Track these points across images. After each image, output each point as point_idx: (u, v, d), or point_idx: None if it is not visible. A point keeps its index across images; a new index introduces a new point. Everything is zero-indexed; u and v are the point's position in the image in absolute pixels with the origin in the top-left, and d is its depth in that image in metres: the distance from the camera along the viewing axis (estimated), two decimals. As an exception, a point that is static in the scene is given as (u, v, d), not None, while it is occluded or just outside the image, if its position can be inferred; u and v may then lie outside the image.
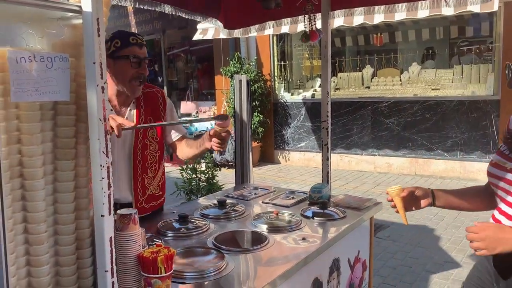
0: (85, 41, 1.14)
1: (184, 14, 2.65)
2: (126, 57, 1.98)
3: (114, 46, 1.98)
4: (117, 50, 1.98)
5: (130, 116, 2.12)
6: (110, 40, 1.99)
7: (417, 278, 3.63)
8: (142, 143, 2.13)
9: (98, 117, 1.14)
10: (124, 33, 2.05)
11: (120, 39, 1.99)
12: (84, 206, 1.32)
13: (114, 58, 1.98)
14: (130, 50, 1.99)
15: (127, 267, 1.33)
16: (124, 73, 2.00)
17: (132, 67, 1.99)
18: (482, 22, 7.38)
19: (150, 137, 2.16)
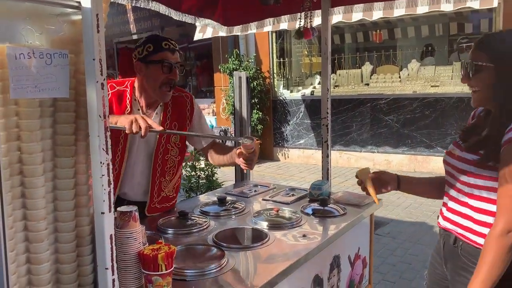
0: (84, 37, 1.13)
1: (176, 16, 2.60)
2: (158, 62, 1.95)
3: (147, 50, 1.96)
4: (149, 54, 1.96)
5: (156, 119, 2.10)
6: (143, 44, 1.98)
7: (416, 275, 3.63)
8: (164, 147, 2.12)
9: (98, 113, 1.13)
10: (157, 37, 2.03)
11: (153, 44, 1.96)
12: (84, 204, 1.31)
13: (146, 62, 1.97)
14: (162, 55, 1.96)
15: (128, 264, 1.33)
16: (155, 78, 1.98)
17: (163, 73, 1.96)
18: (481, 18, 7.37)
19: (172, 142, 2.15)
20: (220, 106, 8.97)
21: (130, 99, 2.05)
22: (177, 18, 2.57)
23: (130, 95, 2.06)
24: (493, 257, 1.36)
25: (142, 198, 2.14)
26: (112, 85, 2.06)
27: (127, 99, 2.05)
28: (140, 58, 1.98)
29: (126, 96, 2.06)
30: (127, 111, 2.03)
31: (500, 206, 1.37)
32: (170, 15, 2.53)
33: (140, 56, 1.98)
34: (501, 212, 1.36)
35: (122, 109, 2.03)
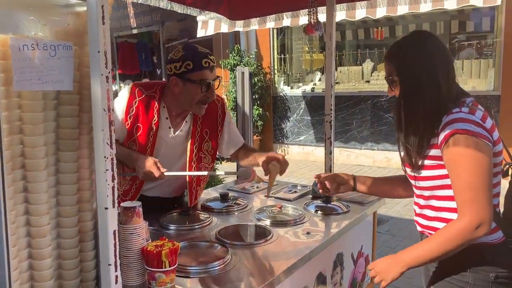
0: (89, 29, 1.10)
1: (180, 9, 2.56)
2: (197, 82, 1.88)
3: (186, 67, 1.87)
4: (188, 72, 1.87)
5: (185, 128, 2.06)
6: (181, 60, 1.87)
7: (416, 272, 3.61)
8: (197, 156, 2.08)
9: (102, 107, 1.11)
10: (197, 54, 1.90)
11: (193, 62, 1.87)
12: (87, 198, 1.29)
13: (183, 79, 1.89)
14: (202, 74, 1.88)
15: (131, 260, 1.31)
16: (193, 96, 1.91)
17: (201, 91, 1.91)
18: (483, 17, 7.34)
19: (205, 150, 2.11)
20: (220, 102, 8.93)
21: (158, 108, 1.97)
22: (181, 11, 2.53)
23: (158, 103, 1.98)
24: (444, 243, 1.36)
25: (172, 195, 2.13)
26: (140, 89, 1.97)
27: (154, 108, 1.97)
28: (177, 74, 1.89)
29: (154, 104, 1.97)
30: (154, 120, 1.96)
31: (460, 201, 1.35)
32: (173, 9, 2.49)
33: (177, 71, 1.88)
34: (463, 207, 1.34)
35: (149, 119, 1.96)
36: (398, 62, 1.49)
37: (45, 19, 1.16)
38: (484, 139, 1.33)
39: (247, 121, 2.76)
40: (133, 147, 1.97)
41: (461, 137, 1.33)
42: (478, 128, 1.34)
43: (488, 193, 1.33)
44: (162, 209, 2.06)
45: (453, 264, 1.45)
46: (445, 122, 1.38)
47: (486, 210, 1.31)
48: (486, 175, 1.33)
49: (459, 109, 1.39)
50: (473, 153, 1.32)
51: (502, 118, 6.33)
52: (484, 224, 1.31)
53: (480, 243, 1.39)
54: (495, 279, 1.40)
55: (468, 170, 1.33)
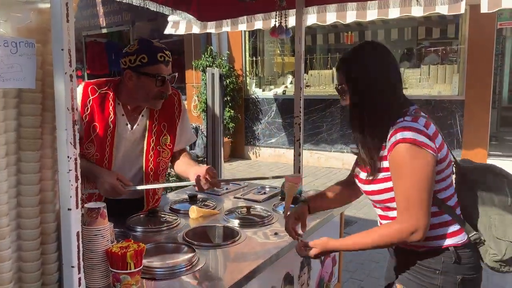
0: (53, 27, 1.08)
1: (153, 7, 2.54)
2: (152, 75, 1.86)
3: (140, 61, 1.84)
4: (143, 65, 1.85)
5: (142, 122, 2.02)
6: (135, 53, 1.85)
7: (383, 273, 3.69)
8: (154, 150, 2.05)
9: (66, 106, 1.09)
10: (152, 47, 1.89)
11: (148, 55, 1.85)
12: (49, 199, 1.26)
13: (138, 72, 1.86)
14: (157, 68, 1.86)
15: (95, 262, 1.29)
16: (148, 90, 1.89)
17: (156, 86, 1.88)
18: (448, 24, 7.58)
19: (163, 144, 2.07)
20: (191, 103, 8.87)
21: (113, 105, 1.94)
22: (153, 8, 2.50)
23: (113, 100, 1.94)
24: (377, 241, 1.47)
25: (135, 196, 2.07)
26: (93, 88, 1.93)
27: (110, 105, 1.93)
28: (131, 67, 1.86)
29: (109, 101, 1.94)
30: (111, 118, 1.93)
31: (399, 207, 1.42)
32: (146, 6, 2.46)
33: (131, 64, 1.86)
34: (401, 213, 1.41)
35: (105, 117, 1.92)
36: (346, 72, 1.52)
37: (6, 15, 1.13)
38: (426, 148, 1.37)
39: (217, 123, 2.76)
40: (91, 148, 1.93)
41: (402, 146, 1.38)
42: (420, 136, 1.38)
43: (427, 201, 1.38)
44: (128, 211, 2.03)
45: (423, 266, 1.49)
46: (391, 133, 1.42)
47: (422, 217, 1.37)
48: (426, 183, 1.37)
49: (403, 118, 1.43)
50: (413, 163, 1.37)
51: (466, 121, 6.55)
52: (419, 230, 1.37)
53: (447, 245, 1.45)
54: (462, 281, 1.45)
55: (408, 178, 1.38)
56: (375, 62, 1.48)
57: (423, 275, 1.49)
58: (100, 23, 10.72)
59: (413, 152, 1.37)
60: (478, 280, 1.50)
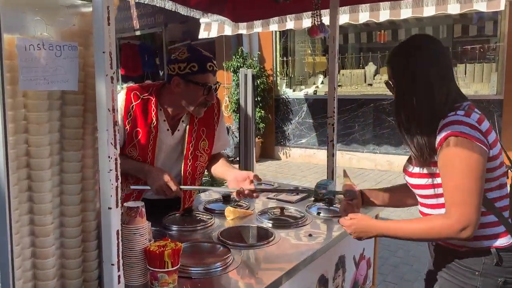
0: (94, 30, 1.11)
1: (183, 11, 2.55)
2: (201, 84, 1.89)
3: (190, 69, 1.87)
4: (192, 73, 1.88)
5: (182, 127, 2.06)
6: (186, 61, 1.88)
7: (418, 276, 3.62)
8: (193, 154, 2.08)
9: (107, 107, 1.11)
10: (202, 56, 1.92)
11: (198, 64, 1.88)
12: (90, 198, 1.30)
13: (186, 80, 1.89)
14: (205, 77, 1.89)
15: (134, 261, 1.32)
16: (194, 98, 1.92)
17: (203, 94, 1.91)
18: (486, 21, 7.34)
19: (201, 148, 2.11)
20: (222, 104, 8.94)
21: (155, 111, 1.97)
22: (184, 13, 2.52)
23: (155, 106, 1.97)
24: (422, 233, 1.42)
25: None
26: (136, 94, 1.96)
27: (152, 111, 1.96)
28: (180, 74, 1.88)
29: (151, 107, 1.96)
30: (153, 124, 1.96)
31: (449, 202, 1.37)
32: (177, 11, 2.49)
33: (180, 72, 1.88)
34: (451, 207, 1.36)
35: (147, 122, 1.96)
36: (393, 67, 1.52)
37: (51, 20, 1.16)
38: (478, 142, 1.33)
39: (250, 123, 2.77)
40: (133, 152, 1.97)
41: (455, 139, 1.34)
42: (473, 130, 1.34)
43: (478, 196, 1.33)
44: (165, 211, 2.07)
45: (462, 267, 1.45)
46: (441, 126, 1.39)
47: (473, 213, 1.32)
48: (478, 179, 1.33)
49: (455, 112, 1.40)
50: (466, 156, 1.33)
51: (505, 122, 6.32)
52: (470, 226, 1.32)
53: (489, 246, 1.41)
54: (504, 284, 1.40)
55: (460, 171, 1.34)
56: (420, 57, 1.45)
57: (462, 276, 1.45)
58: (134, 25, 10.95)
59: (465, 145, 1.33)
60: None
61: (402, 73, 1.48)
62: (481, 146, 1.33)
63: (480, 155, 1.33)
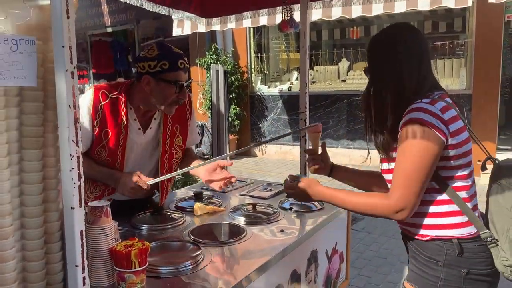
0: (53, 23, 1.06)
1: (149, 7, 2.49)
2: (172, 82, 1.85)
3: (161, 67, 1.83)
4: (163, 72, 1.83)
5: (155, 125, 2.03)
6: (156, 59, 1.83)
7: (392, 269, 3.67)
8: (169, 152, 2.06)
9: (67, 104, 1.07)
10: (173, 54, 1.88)
11: (169, 62, 1.84)
12: (53, 198, 1.25)
13: (157, 78, 1.84)
14: (177, 75, 1.86)
15: (99, 261, 1.28)
16: (165, 96, 1.87)
17: (175, 92, 1.87)
18: (455, 17, 7.50)
19: (176, 146, 2.09)
20: (197, 101, 8.86)
21: (125, 110, 1.91)
22: (150, 9, 2.46)
23: (125, 105, 1.91)
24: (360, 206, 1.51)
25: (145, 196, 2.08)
26: (104, 93, 1.89)
27: (122, 111, 1.91)
28: (150, 73, 1.84)
29: (121, 106, 1.91)
30: (123, 124, 1.91)
31: (394, 183, 1.42)
32: (142, 6, 2.43)
33: (151, 70, 1.83)
34: (393, 189, 1.41)
35: (117, 123, 1.90)
36: (368, 56, 1.54)
37: (6, 12, 1.11)
38: (435, 130, 1.35)
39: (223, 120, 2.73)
40: (102, 153, 1.91)
41: (411, 125, 1.37)
42: (433, 118, 1.36)
43: (421, 183, 1.37)
44: (134, 211, 2.02)
45: (426, 257, 1.47)
46: (405, 113, 1.42)
47: (412, 198, 1.37)
48: (425, 166, 1.36)
49: (421, 99, 1.42)
50: (419, 142, 1.36)
51: (474, 115, 6.48)
52: (406, 210, 1.37)
53: (451, 236, 1.41)
54: (467, 274, 1.41)
55: (409, 156, 1.37)
56: (392, 46, 1.48)
57: (426, 267, 1.47)
58: (105, 22, 10.75)
59: (419, 131, 1.35)
60: (492, 278, 1.44)
61: (374, 62, 1.51)
62: (438, 134, 1.35)
63: (433, 143, 1.35)
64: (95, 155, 1.91)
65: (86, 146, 1.88)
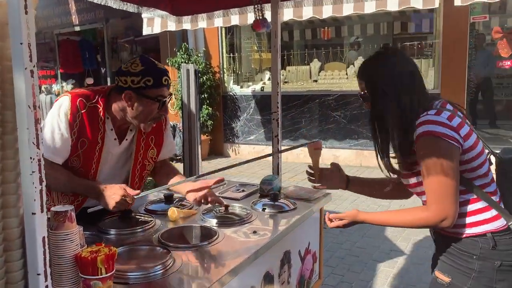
0: (10, 20, 1.01)
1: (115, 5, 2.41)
2: (155, 99, 1.80)
3: (145, 83, 1.77)
4: (147, 88, 1.78)
5: (130, 136, 1.97)
6: (141, 74, 1.76)
7: (364, 267, 3.71)
8: (141, 164, 2.01)
9: (27, 104, 1.02)
10: (157, 70, 1.82)
11: (153, 78, 1.78)
12: (12, 203, 1.19)
13: (140, 94, 1.79)
14: (160, 91, 1.81)
15: (63, 269, 1.22)
16: (148, 112, 1.82)
17: (157, 109, 1.82)
18: (423, 18, 7.67)
19: (149, 157, 2.04)
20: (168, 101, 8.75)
21: (103, 120, 1.86)
22: (117, 7, 2.38)
23: (103, 115, 1.86)
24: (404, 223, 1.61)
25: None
26: (82, 101, 1.82)
27: (99, 120, 1.85)
28: (133, 88, 1.78)
29: (99, 116, 1.85)
30: (100, 134, 1.85)
31: (429, 199, 1.50)
32: (108, 4, 2.35)
33: (133, 85, 1.77)
34: (430, 204, 1.49)
35: (94, 132, 1.84)
36: (366, 80, 1.62)
37: (-42, 7, 1.05)
38: (448, 139, 1.43)
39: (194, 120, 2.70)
40: (75, 162, 1.85)
41: (425, 139, 1.45)
42: (444, 128, 1.44)
43: (451, 190, 1.44)
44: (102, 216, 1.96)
45: (461, 251, 1.54)
46: (416, 127, 1.49)
47: (450, 206, 1.45)
48: (449, 174, 1.44)
49: (426, 112, 1.50)
50: (437, 154, 1.44)
51: (442, 115, 6.63)
52: (448, 218, 1.45)
53: (485, 231, 1.49)
54: (500, 266, 1.48)
55: (430, 171, 1.46)
56: (389, 67, 1.58)
57: (461, 259, 1.53)
58: (73, 21, 10.48)
59: (434, 144, 1.44)
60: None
61: (375, 84, 1.59)
62: (452, 142, 1.43)
63: (450, 150, 1.44)
64: (68, 164, 1.85)
65: (64, 156, 1.82)
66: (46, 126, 1.80)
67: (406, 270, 3.62)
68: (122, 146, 1.97)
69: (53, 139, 1.77)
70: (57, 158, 1.80)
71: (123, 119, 1.90)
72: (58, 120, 1.78)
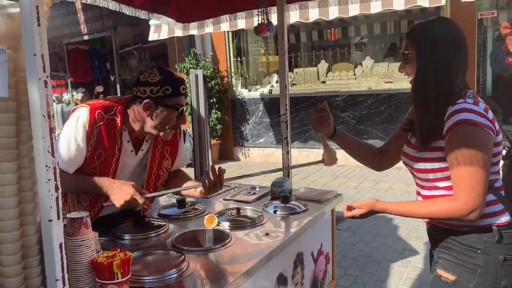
0: (23, 31, 1.04)
1: (129, 11, 2.47)
2: (174, 107, 1.84)
3: (164, 92, 1.80)
4: (166, 97, 1.81)
5: (146, 147, 2.00)
6: (159, 84, 1.80)
7: (378, 267, 3.69)
8: (156, 174, 2.04)
9: (41, 113, 1.05)
10: (175, 79, 1.86)
11: (172, 87, 1.82)
12: (30, 211, 1.21)
13: (159, 103, 1.82)
14: (179, 100, 1.85)
15: (80, 274, 1.25)
16: (166, 121, 1.85)
17: (176, 117, 1.86)
18: (429, 16, 7.63)
19: (164, 168, 2.07)
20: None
21: (120, 132, 1.88)
22: (129, 13, 2.44)
23: (120, 127, 1.88)
24: (431, 213, 1.52)
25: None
26: (100, 113, 1.84)
27: (117, 132, 1.87)
28: (152, 97, 1.81)
29: (116, 128, 1.87)
30: (117, 146, 1.88)
31: (458, 187, 1.43)
32: (122, 11, 2.40)
33: (152, 95, 1.80)
34: (460, 192, 1.42)
35: (111, 144, 1.86)
36: (419, 40, 1.51)
37: (-26, 21, 1.08)
38: (487, 129, 1.40)
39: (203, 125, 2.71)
40: (91, 174, 1.87)
41: (465, 126, 1.40)
42: (482, 118, 1.41)
43: (485, 181, 1.41)
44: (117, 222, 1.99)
45: (463, 246, 1.51)
46: (450, 112, 1.44)
47: (480, 198, 1.40)
48: (485, 165, 1.41)
49: (464, 99, 1.45)
50: (476, 143, 1.39)
51: (452, 113, 6.58)
52: (477, 209, 1.39)
53: (491, 224, 1.47)
54: (504, 260, 1.46)
55: (469, 158, 1.39)
56: (447, 38, 1.48)
57: (463, 255, 1.50)
58: (81, 30, 10.61)
59: (476, 133, 1.40)
60: None
61: (427, 49, 1.48)
62: (490, 132, 1.41)
63: (488, 142, 1.41)
64: None
65: (78, 165, 1.84)
66: (62, 137, 1.82)
67: (420, 269, 3.60)
68: (138, 157, 2.00)
69: (68, 150, 1.79)
70: (70, 168, 1.83)
71: (140, 130, 1.92)
72: (75, 132, 1.80)
